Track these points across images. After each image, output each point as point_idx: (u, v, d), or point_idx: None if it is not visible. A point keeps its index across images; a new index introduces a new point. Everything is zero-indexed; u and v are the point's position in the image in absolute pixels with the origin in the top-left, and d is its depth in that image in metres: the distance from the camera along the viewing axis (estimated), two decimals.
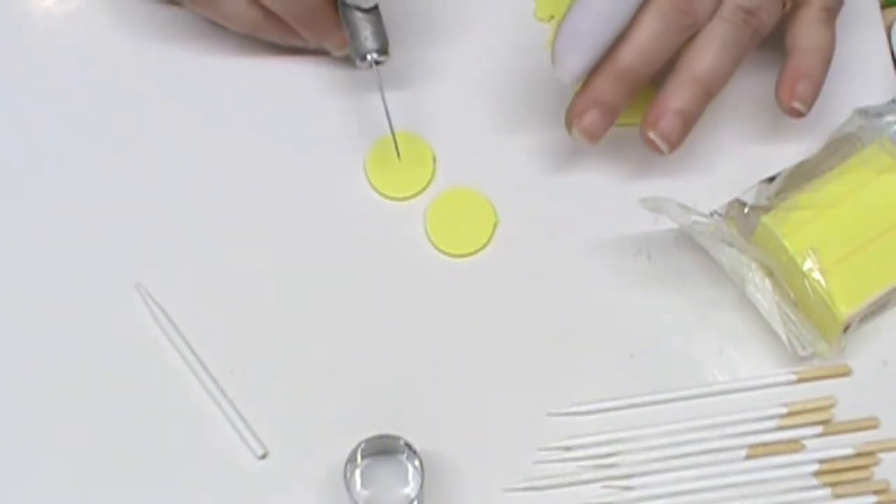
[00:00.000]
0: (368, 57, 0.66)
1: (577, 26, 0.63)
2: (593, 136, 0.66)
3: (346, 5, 0.66)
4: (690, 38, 0.65)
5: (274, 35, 0.69)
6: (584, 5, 0.63)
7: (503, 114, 0.70)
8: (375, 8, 0.66)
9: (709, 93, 0.66)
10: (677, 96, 0.65)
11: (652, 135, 0.66)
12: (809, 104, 0.67)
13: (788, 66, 0.67)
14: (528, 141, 0.70)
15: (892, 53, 0.72)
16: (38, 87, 0.70)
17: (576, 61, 0.63)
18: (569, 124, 0.66)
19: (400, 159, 0.68)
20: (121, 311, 0.66)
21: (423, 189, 0.69)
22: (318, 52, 0.70)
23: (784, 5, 0.66)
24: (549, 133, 0.69)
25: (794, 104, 0.67)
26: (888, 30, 0.72)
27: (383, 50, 0.67)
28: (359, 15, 0.66)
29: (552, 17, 0.73)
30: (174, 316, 0.65)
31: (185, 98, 0.70)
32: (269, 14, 0.67)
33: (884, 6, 0.73)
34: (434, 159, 0.69)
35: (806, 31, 0.67)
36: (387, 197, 0.69)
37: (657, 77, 0.66)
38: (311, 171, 0.69)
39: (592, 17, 0.63)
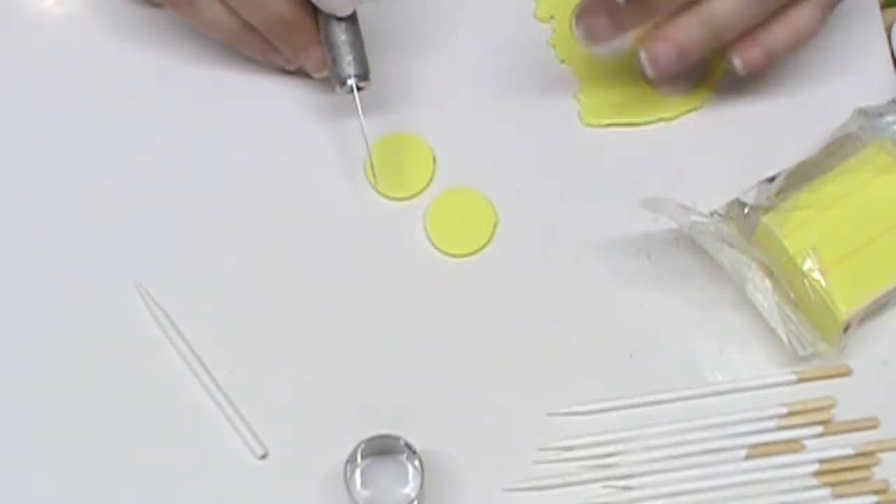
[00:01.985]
0: (349, 82, 0.66)
1: None
2: (595, 39, 0.65)
3: (327, 26, 0.66)
4: None
5: (254, 49, 0.68)
6: None
7: (503, 113, 0.70)
8: (356, 28, 0.66)
9: (714, 37, 0.65)
10: (682, 28, 0.65)
11: (643, 54, 0.65)
12: (750, 67, 0.66)
13: (759, 29, 0.66)
14: (528, 141, 0.70)
15: (892, 53, 0.72)
16: (38, 86, 0.70)
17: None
18: (577, 19, 0.66)
19: (377, 186, 0.68)
20: (121, 311, 0.66)
21: (423, 189, 0.69)
22: (299, 74, 0.69)
23: None
24: (550, 133, 0.70)
25: (735, 58, 0.66)
26: (888, 30, 0.72)
27: (364, 76, 0.66)
28: (340, 37, 0.66)
29: (552, 17, 0.73)
30: (174, 316, 0.65)
31: (185, 98, 0.70)
32: (247, 25, 0.66)
33: (884, 6, 0.73)
34: (434, 159, 0.69)
35: (798, 9, 0.66)
36: (387, 197, 0.69)
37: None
38: (311, 170, 0.69)
39: None
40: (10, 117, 0.69)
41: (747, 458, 0.64)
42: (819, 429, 0.65)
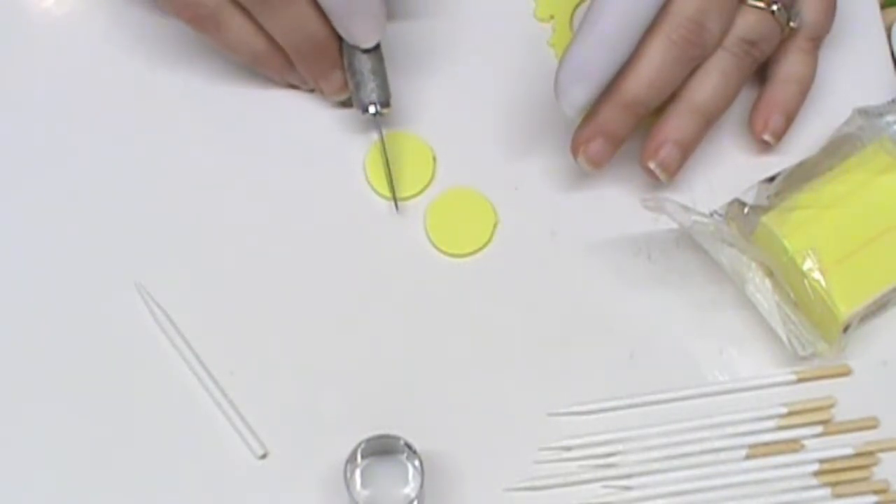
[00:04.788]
0: (371, 108, 0.67)
1: (581, 59, 0.63)
2: (598, 164, 0.66)
3: (352, 53, 0.66)
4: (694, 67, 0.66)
5: (273, 69, 0.68)
6: (588, 37, 0.62)
7: (503, 113, 0.70)
8: (379, 55, 0.66)
9: (708, 122, 0.66)
10: (676, 126, 0.66)
11: (652, 165, 0.66)
12: (780, 136, 0.68)
13: (766, 95, 0.69)
14: (529, 141, 0.70)
15: (892, 53, 0.72)
16: (38, 85, 0.70)
17: (580, 94, 0.63)
18: (574, 151, 0.66)
19: (398, 210, 0.68)
20: (121, 311, 0.66)
21: (423, 189, 0.69)
22: (314, 93, 0.70)
23: (782, 33, 0.67)
24: (550, 133, 0.69)
25: (765, 136, 0.68)
26: (888, 30, 0.72)
27: (386, 102, 0.67)
28: (366, 65, 0.66)
29: (552, 16, 0.73)
30: (174, 316, 0.65)
31: (185, 98, 0.70)
32: (273, 46, 0.66)
33: (884, 6, 0.73)
34: (434, 159, 0.69)
35: (789, 60, 0.68)
36: (387, 197, 0.68)
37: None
38: (310, 171, 0.69)
39: (597, 49, 0.62)
40: (9, 117, 0.69)
41: (747, 458, 0.64)
42: (819, 429, 0.65)
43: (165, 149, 0.69)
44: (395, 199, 0.68)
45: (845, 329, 0.64)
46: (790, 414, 0.65)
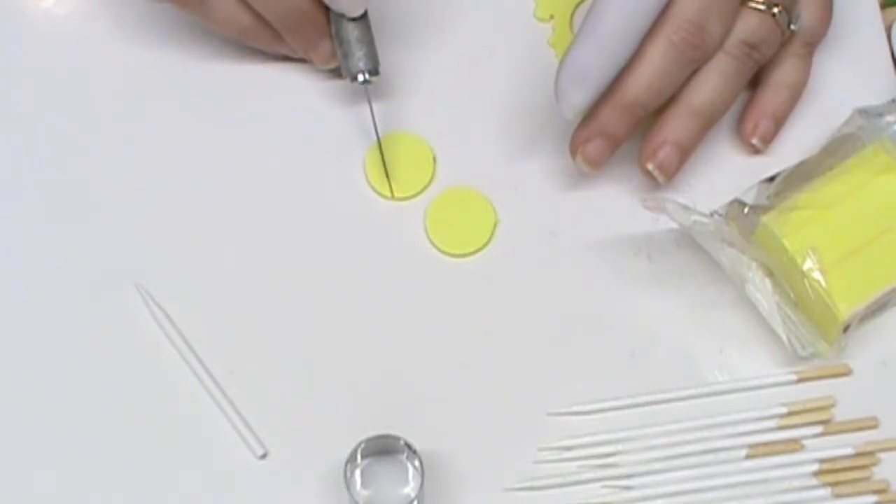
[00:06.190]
0: (360, 77, 0.67)
1: (580, 61, 0.63)
2: (596, 164, 0.66)
3: (339, 22, 0.66)
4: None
5: (262, 42, 0.68)
6: (588, 40, 0.62)
7: (503, 114, 0.70)
8: (367, 23, 0.66)
9: (707, 124, 0.66)
10: (675, 128, 0.66)
11: (650, 166, 0.66)
12: (769, 141, 0.69)
13: (758, 99, 0.69)
14: (528, 141, 0.70)
15: (892, 53, 0.72)
16: (38, 86, 0.70)
17: (580, 97, 0.63)
18: (573, 151, 0.66)
19: (392, 191, 0.68)
20: (121, 311, 0.66)
21: (423, 189, 0.69)
22: (306, 62, 0.70)
23: (783, 36, 0.66)
24: (550, 133, 0.70)
25: (754, 141, 0.68)
26: (888, 30, 0.72)
27: (374, 70, 0.67)
28: (353, 33, 0.66)
29: (552, 16, 0.73)
30: (174, 316, 0.65)
31: (185, 98, 0.70)
32: (259, 20, 0.67)
33: (884, 6, 0.73)
34: (434, 159, 0.69)
35: (783, 65, 0.68)
36: (387, 197, 0.69)
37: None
38: (310, 171, 0.69)
39: (597, 52, 0.62)
40: (10, 118, 0.69)
41: (747, 457, 0.64)
42: (819, 428, 0.65)
43: (165, 150, 0.69)
44: (387, 177, 0.68)
45: (845, 329, 0.64)
46: (790, 414, 0.65)
